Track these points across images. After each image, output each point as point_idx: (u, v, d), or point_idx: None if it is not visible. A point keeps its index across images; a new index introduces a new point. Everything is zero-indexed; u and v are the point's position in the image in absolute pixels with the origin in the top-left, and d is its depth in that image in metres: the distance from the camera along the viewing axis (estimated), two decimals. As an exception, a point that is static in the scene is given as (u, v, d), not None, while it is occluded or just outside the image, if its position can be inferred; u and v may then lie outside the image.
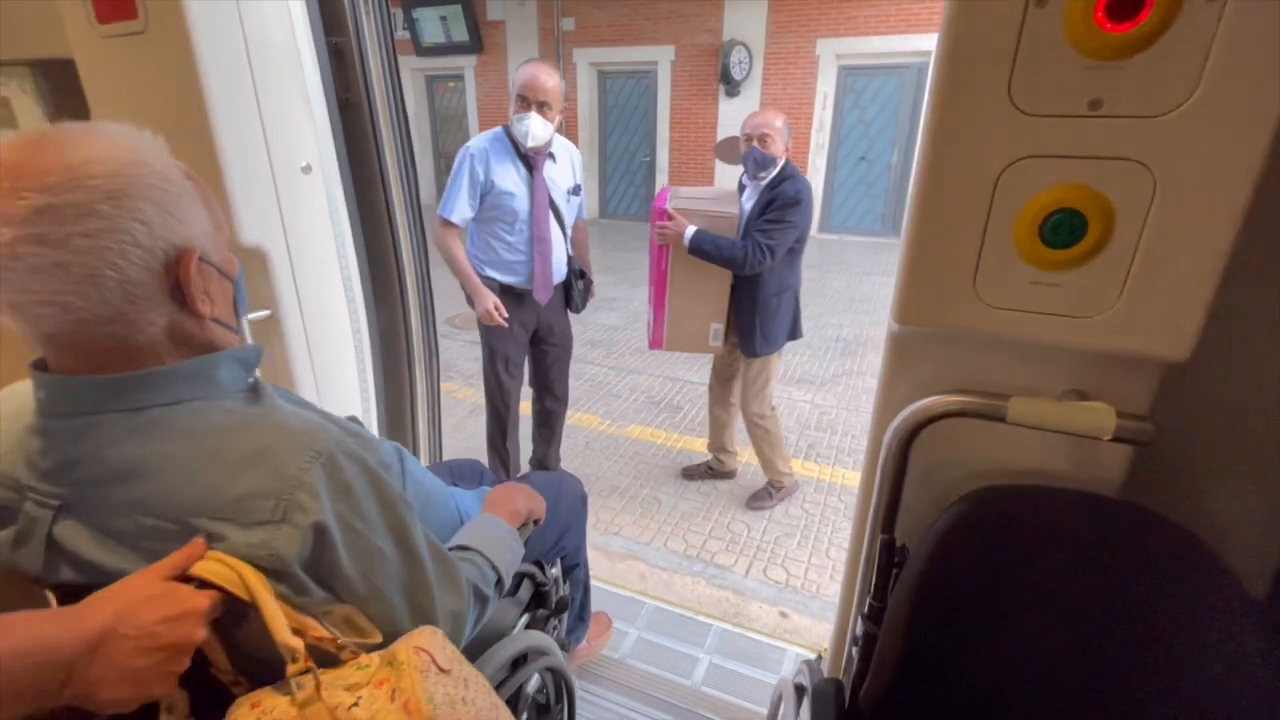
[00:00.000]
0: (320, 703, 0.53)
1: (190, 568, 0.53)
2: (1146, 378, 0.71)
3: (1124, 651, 0.70)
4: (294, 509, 0.56)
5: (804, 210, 2.17)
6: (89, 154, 0.52)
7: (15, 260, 0.50)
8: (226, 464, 0.57)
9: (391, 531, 0.65)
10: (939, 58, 0.64)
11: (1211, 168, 0.58)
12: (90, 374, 0.56)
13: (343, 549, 0.60)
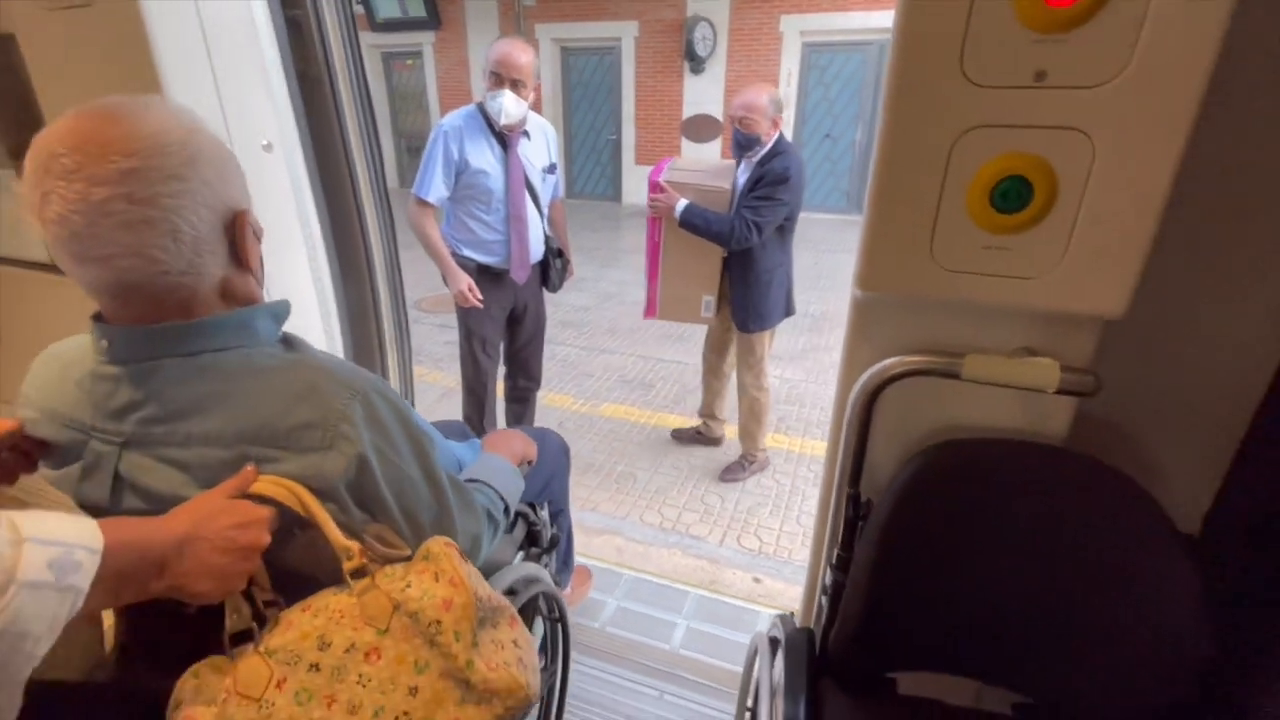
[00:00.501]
0: (377, 589, 0.63)
1: (248, 489, 0.61)
2: (1089, 334, 0.76)
3: (1069, 585, 0.76)
4: (339, 439, 0.64)
5: (793, 188, 2.16)
6: (159, 124, 0.59)
7: (107, 216, 0.56)
8: (279, 400, 0.64)
9: (418, 460, 0.73)
10: (897, 32, 0.67)
11: (1144, 135, 0.63)
12: (149, 324, 0.63)
13: (380, 475, 0.68)
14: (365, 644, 0.62)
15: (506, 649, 0.69)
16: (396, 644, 0.63)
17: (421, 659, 0.63)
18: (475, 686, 0.64)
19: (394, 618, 0.63)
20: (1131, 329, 0.78)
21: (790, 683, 0.85)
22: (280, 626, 0.62)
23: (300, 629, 0.62)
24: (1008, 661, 0.84)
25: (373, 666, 0.62)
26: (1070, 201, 0.67)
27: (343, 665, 0.61)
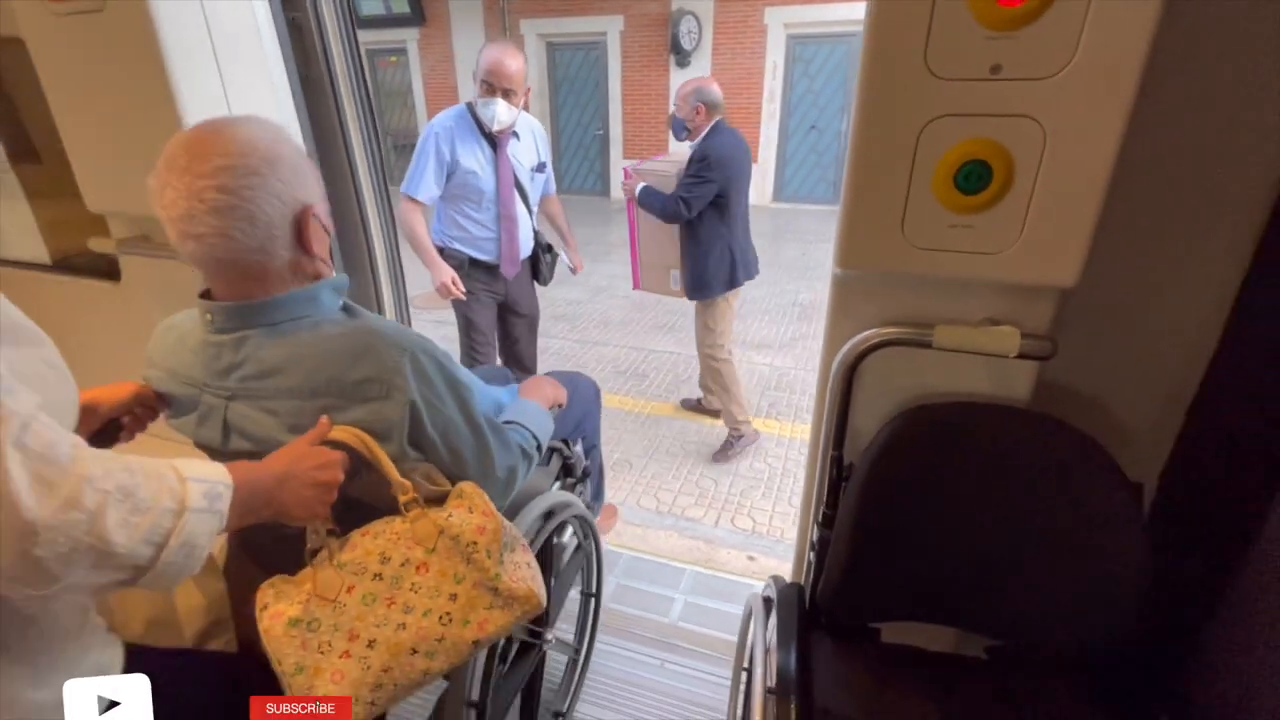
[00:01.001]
0: (426, 517, 0.80)
1: (326, 436, 0.76)
2: (1046, 303, 0.84)
3: (1032, 534, 0.84)
4: (394, 389, 0.79)
5: (714, 165, 2.38)
6: (248, 135, 0.75)
7: (202, 202, 0.72)
8: (343, 359, 0.79)
9: (459, 406, 0.87)
10: (867, 31, 0.74)
11: (1089, 122, 0.70)
12: (241, 301, 0.79)
13: (427, 419, 0.82)
14: (416, 560, 0.79)
15: (523, 568, 0.84)
16: (440, 560, 0.79)
17: (460, 572, 0.79)
18: (501, 594, 0.79)
19: (439, 540, 0.79)
20: (1089, 299, 0.86)
21: (782, 633, 0.92)
22: (349, 545, 0.79)
23: (365, 548, 0.79)
24: (980, 608, 0.92)
25: (422, 577, 0.78)
26: (1025, 183, 0.74)
27: (399, 576, 0.78)
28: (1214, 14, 0.77)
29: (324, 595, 0.76)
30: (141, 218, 1.39)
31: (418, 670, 0.76)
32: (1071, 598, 0.85)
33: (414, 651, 0.76)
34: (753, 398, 3.44)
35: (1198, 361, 0.91)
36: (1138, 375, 0.95)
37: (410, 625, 0.76)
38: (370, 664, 0.75)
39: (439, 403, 0.84)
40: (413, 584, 0.78)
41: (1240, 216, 0.83)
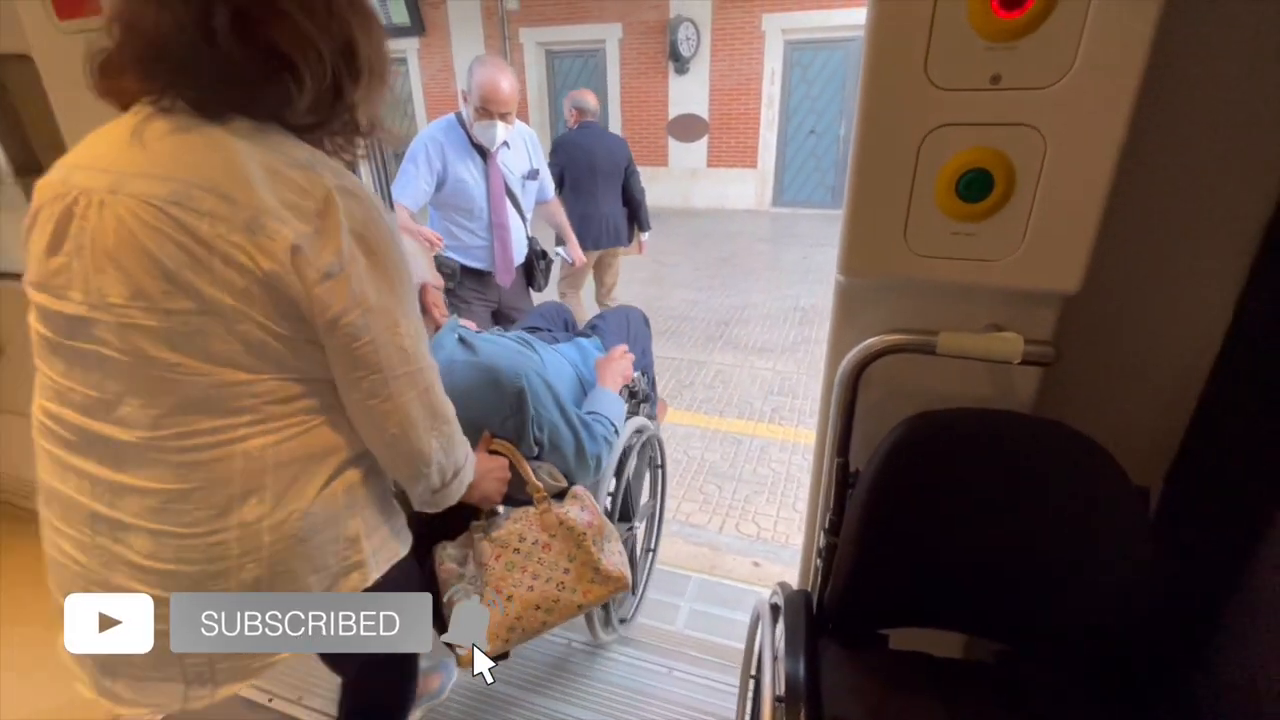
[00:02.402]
0: (551, 512, 1.10)
1: (489, 446, 1.07)
2: (1049, 309, 0.84)
3: (1038, 539, 0.84)
4: (519, 409, 1.08)
5: (555, 151, 3.33)
6: None
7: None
8: (482, 391, 1.08)
9: (560, 413, 1.15)
10: (867, 42, 0.75)
11: (1088, 129, 0.71)
12: None
13: (543, 426, 1.12)
14: (543, 541, 1.09)
15: (616, 555, 1.12)
16: (559, 544, 1.09)
17: (572, 554, 1.09)
18: (600, 574, 1.08)
19: (559, 529, 1.09)
20: (1093, 303, 0.86)
21: (790, 641, 0.92)
22: (497, 526, 1.10)
23: (509, 529, 1.10)
24: (988, 613, 0.92)
25: (546, 554, 1.09)
26: (1026, 190, 0.75)
27: (530, 551, 1.08)
28: (1212, 20, 0.77)
29: (480, 561, 1.07)
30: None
31: (538, 622, 1.05)
32: (1079, 602, 0.85)
33: (537, 608, 1.05)
34: (755, 402, 3.45)
35: (1201, 365, 0.92)
36: (1141, 379, 0.95)
37: (536, 588, 1.05)
38: (508, 612, 1.03)
39: (547, 413, 1.12)
40: (539, 559, 1.08)
41: (1241, 221, 0.83)
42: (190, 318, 0.62)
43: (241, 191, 0.60)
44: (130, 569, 0.68)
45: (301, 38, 0.62)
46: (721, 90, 8.35)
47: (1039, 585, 0.87)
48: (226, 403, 0.65)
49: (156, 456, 0.65)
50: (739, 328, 4.57)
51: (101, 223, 0.61)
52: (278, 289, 0.62)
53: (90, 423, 0.66)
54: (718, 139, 8.62)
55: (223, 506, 0.67)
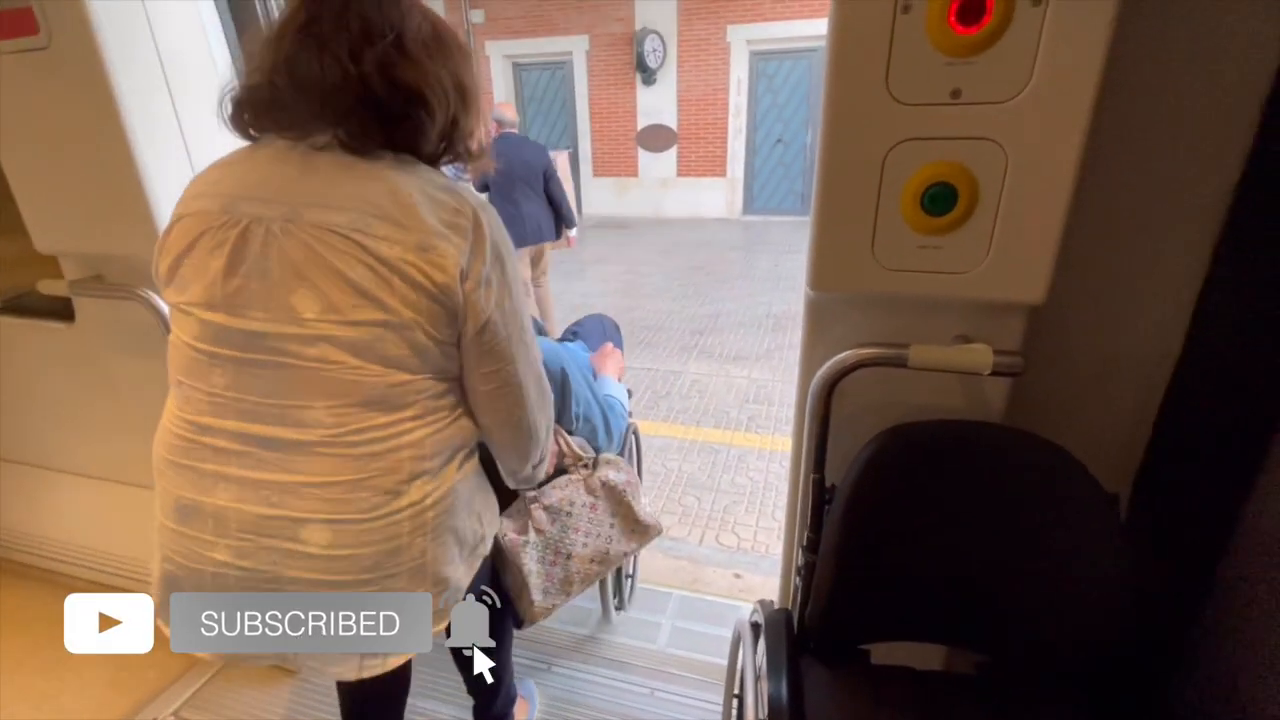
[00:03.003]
0: (593, 475, 1.26)
1: None
2: (1017, 320, 0.85)
3: (1013, 548, 0.84)
4: (563, 392, 1.21)
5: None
6: None
7: None
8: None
9: (592, 394, 1.31)
10: (829, 59, 0.74)
11: (1047, 143, 0.71)
12: None
13: (582, 408, 1.26)
14: (589, 503, 1.25)
15: (647, 508, 1.32)
16: (604, 502, 1.27)
17: (614, 509, 1.28)
18: (640, 523, 1.30)
19: (602, 489, 1.26)
20: (1060, 313, 0.87)
21: (771, 660, 0.90)
22: (546, 495, 1.22)
23: (558, 496, 1.23)
24: (968, 625, 0.92)
25: (594, 514, 1.26)
26: (990, 203, 0.75)
27: (580, 513, 1.24)
28: (1166, 33, 0.79)
29: (539, 527, 1.20)
30: (95, 256, 1.34)
31: (593, 573, 1.25)
32: (1056, 611, 0.86)
33: (592, 560, 1.24)
34: (731, 411, 3.45)
35: (1163, 371, 0.93)
36: (1108, 386, 0.97)
37: (590, 544, 1.24)
38: (568, 569, 1.22)
39: (581, 394, 1.25)
40: (589, 518, 1.25)
41: (1196, 230, 0.85)
42: (373, 327, 0.70)
43: (409, 217, 0.69)
44: (307, 561, 0.74)
45: (429, 76, 0.71)
46: (689, 100, 8.43)
47: (1016, 595, 0.87)
48: (396, 400, 0.74)
49: (335, 451, 0.72)
50: (713, 336, 4.58)
51: (286, 248, 0.68)
52: (443, 300, 0.71)
53: (256, 428, 0.72)
54: (687, 148, 8.69)
55: (395, 490, 0.75)
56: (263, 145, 0.74)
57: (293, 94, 0.69)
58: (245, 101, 0.73)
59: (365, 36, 0.69)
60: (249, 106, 0.73)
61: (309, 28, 0.68)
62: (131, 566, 1.85)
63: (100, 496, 1.83)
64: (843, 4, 0.72)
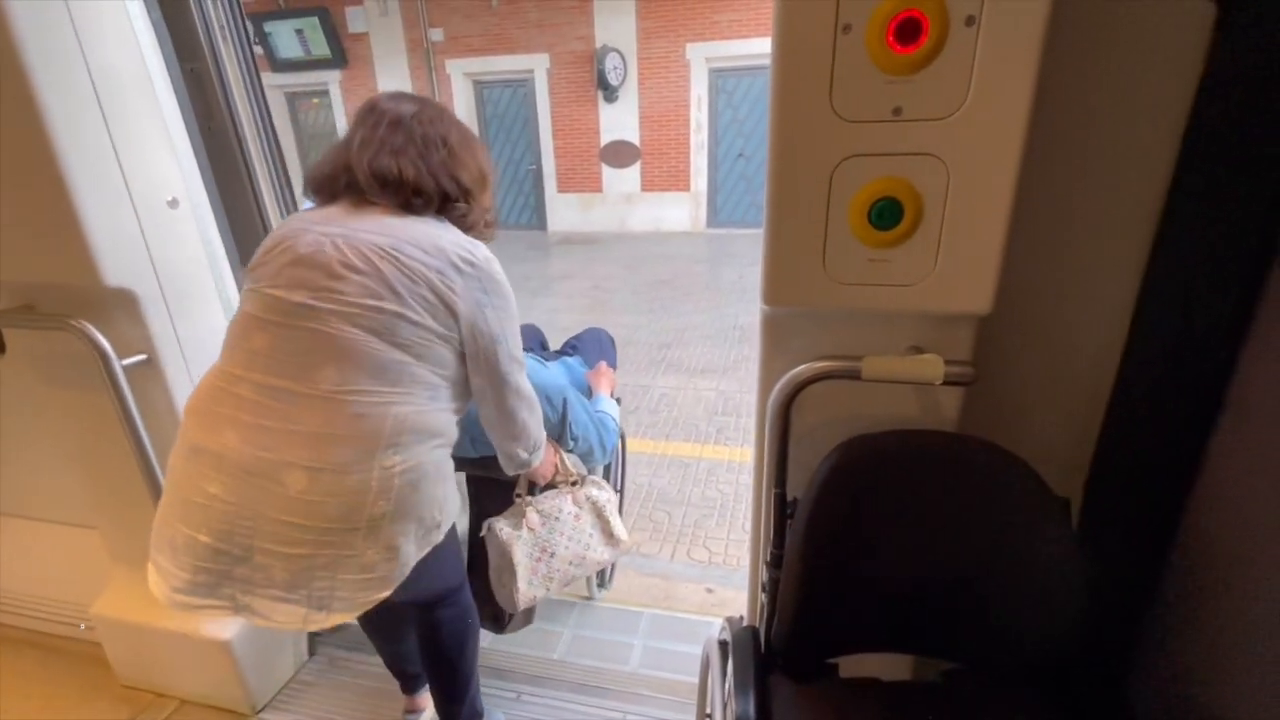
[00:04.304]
0: (580, 490, 1.46)
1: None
2: (966, 330, 0.86)
3: (970, 555, 0.85)
4: (562, 417, 1.41)
5: None
6: None
7: None
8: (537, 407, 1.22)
9: (587, 417, 1.49)
10: (773, 78, 0.75)
11: (986, 157, 0.73)
12: None
13: (579, 430, 1.44)
14: (574, 512, 1.45)
15: (622, 524, 1.51)
16: (587, 515, 1.47)
17: (595, 521, 1.48)
18: (614, 538, 1.50)
19: (586, 502, 1.47)
20: (1007, 321, 0.89)
21: (739, 679, 0.89)
22: (539, 501, 1.43)
23: (550, 502, 1.44)
24: (931, 632, 0.92)
25: (578, 523, 1.46)
26: (935, 217, 0.76)
27: (565, 519, 1.44)
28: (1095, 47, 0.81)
29: (530, 526, 1.41)
30: (26, 285, 1.27)
31: (570, 574, 1.46)
32: (1014, 615, 0.87)
33: (570, 562, 1.44)
34: (700, 424, 3.45)
35: (1106, 376, 0.96)
36: (1058, 393, 0.99)
37: (570, 546, 1.43)
38: (551, 564, 1.42)
39: (577, 417, 1.45)
40: (573, 525, 1.44)
41: (1133, 235, 0.88)
42: (393, 316, 0.91)
43: (434, 251, 0.95)
44: (285, 503, 0.87)
45: (470, 170, 1.04)
46: (651, 117, 8.52)
47: (976, 601, 0.88)
48: (393, 376, 0.92)
49: (334, 407, 0.88)
50: (680, 349, 4.59)
51: (343, 252, 0.91)
52: (451, 310, 0.95)
53: (275, 380, 0.89)
54: (650, 164, 8.77)
55: (371, 452, 0.89)
56: (333, 205, 1.00)
57: (369, 181, 0.97)
58: (321, 184, 1.02)
59: (426, 145, 0.99)
60: (325, 187, 1.02)
61: (383, 140, 0.98)
62: (70, 611, 1.74)
63: (34, 539, 1.72)
64: (785, 24, 0.73)
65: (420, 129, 0.99)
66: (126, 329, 1.25)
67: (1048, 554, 0.84)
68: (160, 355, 1.28)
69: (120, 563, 1.55)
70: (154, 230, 1.23)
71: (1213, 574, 0.83)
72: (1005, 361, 0.96)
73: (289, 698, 1.59)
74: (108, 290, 1.18)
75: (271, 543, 0.87)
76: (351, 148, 0.98)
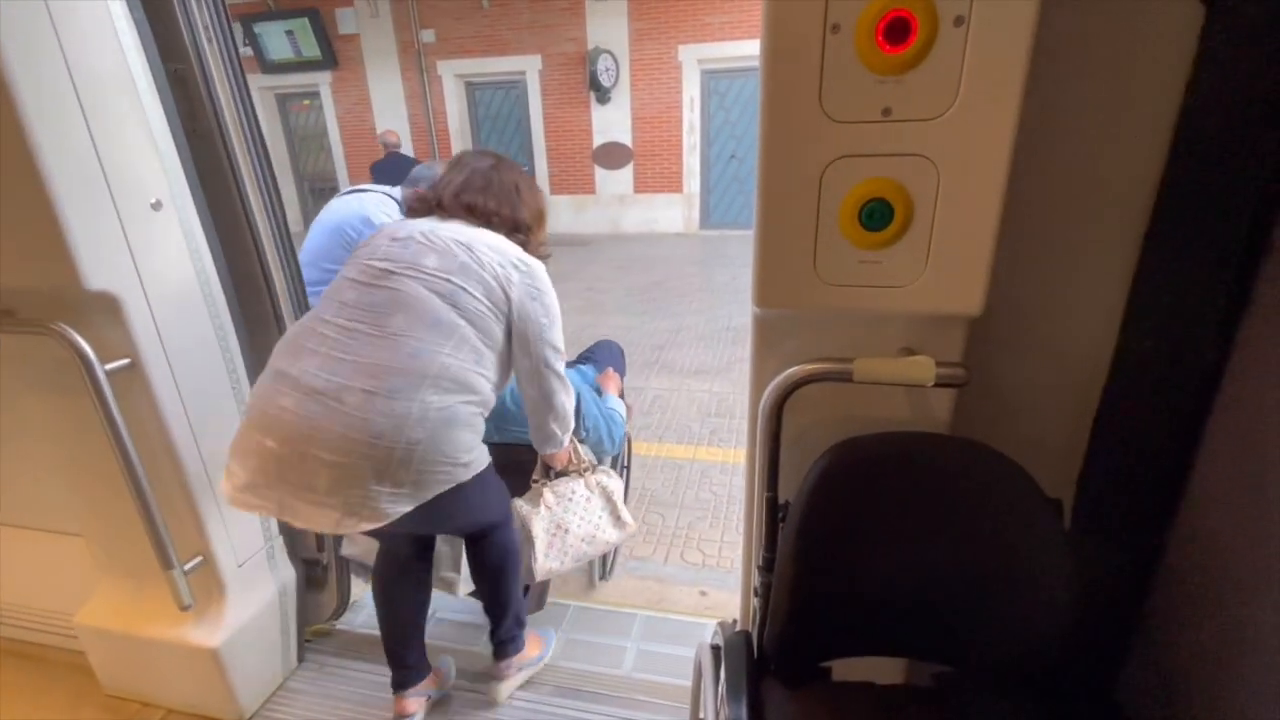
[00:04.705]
0: (593, 475, 1.61)
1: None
2: (957, 331, 0.86)
3: (963, 556, 0.84)
4: (578, 412, 1.53)
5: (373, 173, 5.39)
6: None
7: None
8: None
9: (599, 411, 1.68)
10: (763, 79, 0.75)
11: (976, 158, 0.73)
12: None
13: (590, 423, 1.63)
14: (586, 495, 1.58)
15: (630, 510, 1.65)
16: (597, 498, 1.59)
17: (604, 505, 1.60)
18: (621, 520, 1.62)
19: (596, 487, 1.60)
20: (998, 322, 0.89)
21: (731, 685, 0.88)
22: (557, 484, 1.57)
23: (566, 485, 1.57)
24: (924, 635, 0.91)
25: (589, 505, 1.58)
26: (925, 218, 0.76)
27: (578, 500, 1.57)
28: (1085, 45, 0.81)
29: (547, 504, 1.54)
30: (6, 290, 1.25)
31: (583, 551, 1.57)
32: (1006, 617, 0.86)
33: (582, 539, 1.55)
34: (693, 426, 3.45)
35: (1097, 376, 0.96)
36: (1047, 394, 0.99)
37: (582, 525, 1.56)
38: (565, 541, 1.54)
39: (589, 411, 1.64)
40: (585, 507, 1.57)
41: (1123, 233, 0.88)
42: (457, 287, 1.16)
43: (500, 249, 1.23)
44: (342, 418, 1.05)
45: (532, 209, 1.36)
46: (643, 118, 8.53)
47: (969, 603, 0.87)
48: (446, 331, 1.14)
49: (395, 344, 1.10)
50: (674, 351, 4.59)
51: (428, 238, 1.20)
52: (506, 294, 1.20)
53: (353, 324, 1.12)
54: (643, 165, 8.77)
55: (416, 386, 1.09)
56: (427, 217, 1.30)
57: (454, 205, 1.28)
58: (416, 211, 1.32)
59: (504, 189, 1.32)
60: (419, 205, 1.33)
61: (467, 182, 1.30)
62: (54, 621, 1.71)
63: (18, 546, 1.69)
64: (773, 23, 0.72)
65: (498, 177, 1.32)
66: (109, 333, 1.23)
67: (1040, 556, 0.83)
68: (144, 359, 1.26)
69: (105, 570, 1.52)
70: (137, 233, 1.22)
71: (1203, 575, 0.83)
72: (997, 363, 0.96)
73: (277, 705, 1.57)
74: (89, 294, 1.16)
75: (324, 450, 1.04)
76: (442, 188, 1.31)
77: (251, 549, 1.54)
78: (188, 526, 1.39)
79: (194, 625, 1.46)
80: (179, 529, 1.36)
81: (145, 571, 1.40)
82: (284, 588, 1.61)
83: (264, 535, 1.57)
